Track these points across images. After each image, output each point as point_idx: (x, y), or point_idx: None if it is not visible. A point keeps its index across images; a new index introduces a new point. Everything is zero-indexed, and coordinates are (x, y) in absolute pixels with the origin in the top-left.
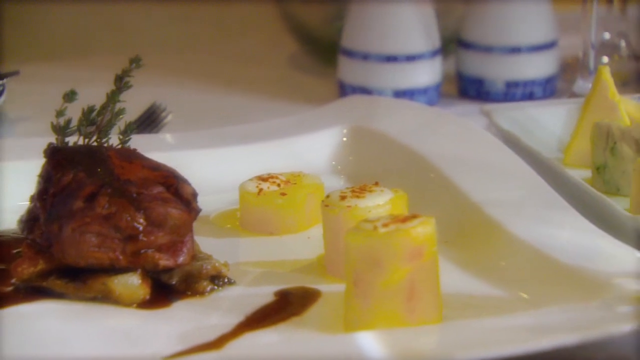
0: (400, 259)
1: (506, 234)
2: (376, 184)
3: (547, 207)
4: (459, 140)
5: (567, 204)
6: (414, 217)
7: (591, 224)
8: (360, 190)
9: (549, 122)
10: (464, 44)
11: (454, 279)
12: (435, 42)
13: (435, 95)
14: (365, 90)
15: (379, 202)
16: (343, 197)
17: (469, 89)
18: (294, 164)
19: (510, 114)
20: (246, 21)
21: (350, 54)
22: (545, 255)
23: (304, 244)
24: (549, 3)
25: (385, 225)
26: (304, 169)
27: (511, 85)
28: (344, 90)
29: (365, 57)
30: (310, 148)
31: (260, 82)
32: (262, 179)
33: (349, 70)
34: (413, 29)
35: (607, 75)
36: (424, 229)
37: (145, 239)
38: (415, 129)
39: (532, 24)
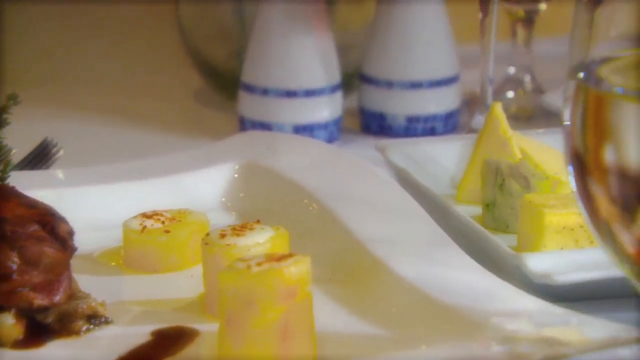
0: (273, 299)
1: (388, 272)
2: (258, 221)
3: (432, 245)
4: (349, 178)
5: (452, 241)
6: (289, 256)
7: (474, 262)
8: (241, 228)
9: (443, 158)
10: (366, 79)
11: (334, 317)
12: (336, 77)
13: (335, 130)
14: (265, 126)
15: (259, 241)
16: (223, 235)
17: (371, 124)
18: (183, 201)
19: (405, 150)
20: (151, 55)
21: (250, 89)
22: (426, 294)
23: (187, 282)
24: (450, 38)
25: (259, 264)
26: (193, 206)
27: (412, 120)
28: (244, 125)
29: (265, 92)
30: (201, 184)
31: (164, 117)
32: (147, 216)
33: (249, 106)
34: (313, 64)
35: (498, 111)
36: (297, 269)
37: (19, 277)
38: (308, 166)
39: (433, 59)
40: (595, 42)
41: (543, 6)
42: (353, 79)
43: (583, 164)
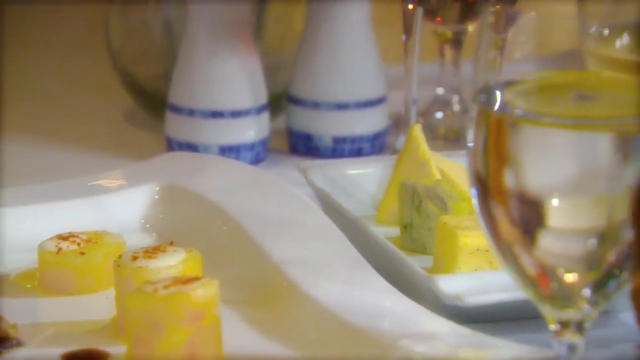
0: (179, 322)
1: (302, 294)
2: (171, 243)
3: (347, 267)
4: (269, 200)
5: (367, 264)
6: (196, 279)
7: (387, 284)
8: (153, 250)
9: (365, 180)
10: (293, 100)
11: (245, 340)
12: (262, 97)
13: (262, 151)
14: (191, 146)
15: (170, 263)
16: (135, 258)
17: (298, 145)
18: (102, 222)
19: (327, 172)
20: (80, 74)
21: (176, 109)
22: (337, 316)
23: (101, 304)
24: (377, 59)
25: (166, 287)
26: (112, 228)
27: (339, 141)
28: (171, 146)
29: (191, 112)
30: (120, 206)
31: (92, 137)
32: (62, 237)
33: (175, 126)
34: (238, 85)
35: (417, 132)
36: (205, 291)
37: None
38: (228, 187)
39: (359, 80)
40: (501, 64)
41: (471, 27)
42: (282, 100)
43: (485, 187)
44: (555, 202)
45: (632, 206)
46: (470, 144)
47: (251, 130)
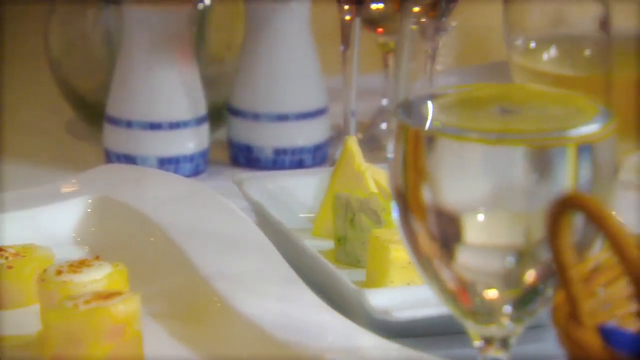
0: (99, 337)
1: (229, 309)
2: (97, 257)
3: (277, 281)
4: (202, 213)
5: (297, 278)
6: (117, 294)
7: (317, 298)
8: (78, 264)
9: (302, 192)
10: (233, 111)
11: (172, 356)
12: (202, 109)
13: (202, 162)
14: (129, 158)
15: (95, 277)
16: (59, 272)
17: (239, 156)
18: (34, 236)
19: (263, 184)
20: (20, 86)
21: (114, 121)
22: (264, 331)
23: (29, 318)
24: (318, 70)
25: (86, 302)
26: (43, 241)
27: (280, 152)
28: (109, 158)
29: (129, 124)
30: (52, 219)
31: (33, 149)
32: None
33: (114, 138)
34: (177, 96)
35: (352, 145)
36: (125, 307)
37: None
38: (162, 200)
39: (300, 91)
40: (422, 77)
41: None
42: (224, 111)
43: (404, 201)
44: (472, 217)
45: (548, 225)
46: (391, 158)
47: (190, 141)
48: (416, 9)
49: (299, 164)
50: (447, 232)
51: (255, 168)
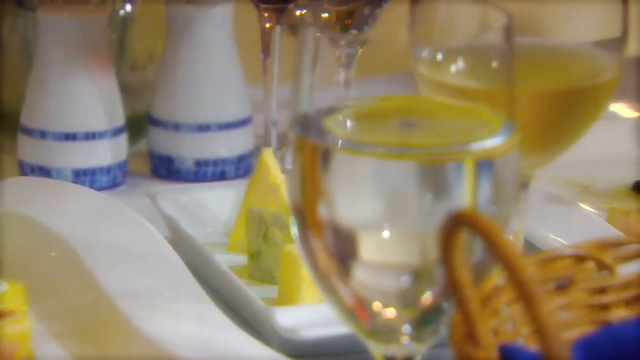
0: None
1: (131, 327)
2: None
3: (183, 299)
4: (110, 228)
5: (204, 295)
6: (10, 313)
7: (223, 316)
8: None
9: (218, 205)
10: (153, 122)
11: None
12: (119, 119)
13: (120, 174)
14: (43, 170)
15: None
16: None
17: (159, 168)
18: None
19: (178, 197)
20: None
21: (28, 131)
22: (167, 352)
23: None
24: (241, 79)
25: None
26: None
27: (201, 164)
28: (23, 170)
29: (43, 135)
30: None
31: None
32: None
33: (28, 149)
34: (93, 106)
35: (268, 157)
36: (15, 327)
37: None
38: (70, 215)
39: (222, 101)
40: (326, 88)
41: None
42: (146, 121)
43: (302, 217)
44: (367, 235)
45: (441, 243)
46: (290, 173)
47: (107, 153)
48: (325, 15)
49: (222, 176)
50: (344, 249)
51: (176, 180)
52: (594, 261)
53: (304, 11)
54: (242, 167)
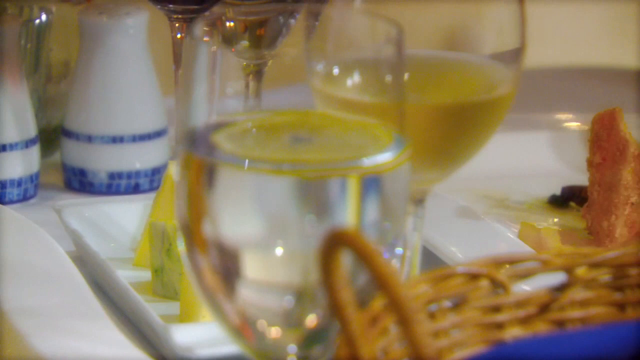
0: None
1: (25, 345)
2: None
3: (79, 316)
4: (10, 242)
5: (102, 313)
6: None
7: (119, 334)
8: None
9: (126, 220)
10: (66, 133)
11: None
12: (31, 131)
13: (32, 187)
14: None
15: None
16: None
17: (73, 180)
18: None
19: (85, 212)
20: None
21: None
22: None
23: None
24: (156, 90)
25: None
26: None
27: (114, 176)
28: None
29: None
30: None
31: None
32: None
33: None
34: (3, 117)
35: (173, 170)
36: None
37: None
38: None
39: (136, 112)
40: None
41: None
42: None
43: (189, 233)
44: (250, 253)
45: (320, 263)
46: (177, 188)
47: (18, 165)
48: (230, 25)
49: (135, 189)
50: (228, 267)
51: (89, 193)
52: (488, 279)
53: (231, 23)
54: (156, 179)
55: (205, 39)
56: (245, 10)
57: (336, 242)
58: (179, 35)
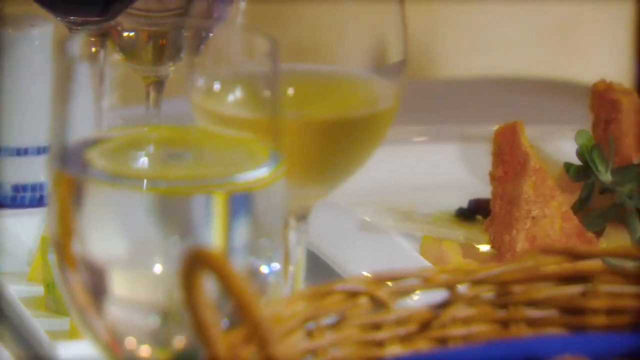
0: None
1: None
2: None
3: None
4: None
5: None
6: None
7: (4, 350)
8: None
9: (23, 233)
10: None
11: None
12: None
13: None
14: None
15: None
16: None
17: None
18: None
19: None
20: None
21: None
22: None
23: None
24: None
25: None
26: None
27: (19, 189)
28: None
29: None
30: None
31: None
32: None
33: None
34: None
35: None
36: None
37: None
38: None
39: (41, 124)
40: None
41: (172, 68)
42: None
43: (60, 250)
44: (117, 271)
45: (181, 283)
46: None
47: None
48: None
49: (40, 202)
50: (96, 284)
51: None
52: (368, 296)
53: (131, 33)
54: None
55: (93, 50)
56: (146, 22)
57: (196, 263)
58: (93, 49)
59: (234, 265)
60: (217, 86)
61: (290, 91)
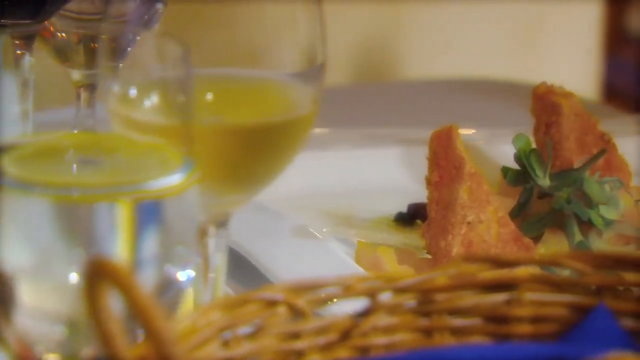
0: None
1: None
2: None
3: None
4: None
5: None
6: None
7: None
8: None
9: None
10: None
11: None
12: None
13: None
14: None
15: None
16: None
17: None
18: None
19: None
20: None
21: None
22: None
23: None
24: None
25: None
26: None
27: None
28: None
29: None
30: None
31: None
32: None
33: None
34: None
35: None
36: None
37: None
38: None
39: None
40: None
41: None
42: None
43: None
44: (24, 280)
45: (85, 295)
46: None
47: None
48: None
49: None
50: (3, 293)
51: None
52: (286, 305)
53: (63, 34)
54: None
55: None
56: (76, 25)
57: (98, 274)
58: (19, 52)
59: (141, 275)
60: (132, 92)
61: (209, 96)
